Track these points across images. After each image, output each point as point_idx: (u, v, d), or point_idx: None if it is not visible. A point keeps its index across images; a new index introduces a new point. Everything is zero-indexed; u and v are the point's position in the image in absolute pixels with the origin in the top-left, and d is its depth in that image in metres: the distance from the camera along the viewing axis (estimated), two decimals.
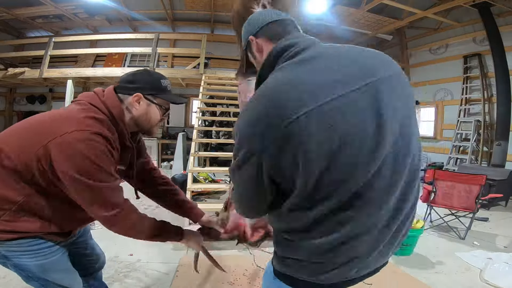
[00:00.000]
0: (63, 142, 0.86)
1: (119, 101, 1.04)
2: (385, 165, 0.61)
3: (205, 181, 4.41)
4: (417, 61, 7.54)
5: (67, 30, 7.84)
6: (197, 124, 4.62)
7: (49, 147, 0.86)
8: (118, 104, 1.02)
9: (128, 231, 1.02)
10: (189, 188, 3.27)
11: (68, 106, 1.03)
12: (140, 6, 6.97)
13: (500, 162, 5.23)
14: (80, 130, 0.88)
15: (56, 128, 0.89)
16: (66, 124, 0.89)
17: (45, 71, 6.04)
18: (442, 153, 6.63)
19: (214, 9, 7.06)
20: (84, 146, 0.87)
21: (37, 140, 0.88)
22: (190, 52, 6.68)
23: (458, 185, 3.28)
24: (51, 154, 0.86)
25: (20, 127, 0.98)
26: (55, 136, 0.87)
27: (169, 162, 7.24)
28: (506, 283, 2.19)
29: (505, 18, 5.45)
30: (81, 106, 0.97)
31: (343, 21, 6.71)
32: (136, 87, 1.05)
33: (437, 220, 3.47)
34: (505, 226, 3.69)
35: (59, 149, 0.86)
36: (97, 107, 0.98)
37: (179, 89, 7.92)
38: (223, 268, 1.47)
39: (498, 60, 5.32)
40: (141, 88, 1.06)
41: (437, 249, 2.90)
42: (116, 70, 6.43)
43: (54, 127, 0.89)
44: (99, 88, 1.07)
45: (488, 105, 5.83)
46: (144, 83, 1.07)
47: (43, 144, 0.87)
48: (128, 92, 1.05)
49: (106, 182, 0.92)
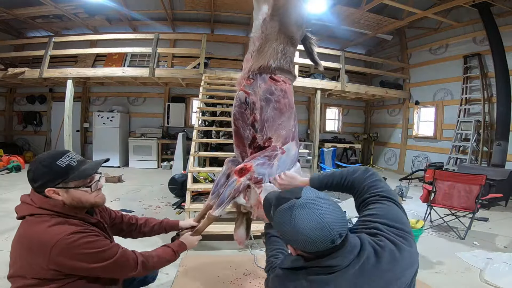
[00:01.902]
0: (60, 253, 0.93)
1: (47, 199, 1.02)
2: None
3: (205, 181, 4.41)
4: (417, 61, 7.53)
5: (67, 30, 7.83)
6: (197, 124, 4.61)
7: (55, 260, 0.93)
8: (49, 201, 1.01)
9: (157, 267, 1.22)
10: (189, 188, 3.26)
11: (26, 222, 1.01)
12: (140, 6, 6.96)
13: (500, 162, 5.23)
14: (59, 240, 0.93)
15: (46, 243, 0.93)
16: (47, 240, 0.94)
17: (45, 71, 6.04)
18: (442, 153, 6.63)
19: (214, 9, 7.05)
20: (76, 247, 0.94)
21: (41, 259, 0.93)
22: (190, 52, 6.68)
23: (458, 185, 3.28)
24: (62, 264, 0.94)
25: (20, 251, 0.99)
26: (50, 251, 0.92)
27: (169, 162, 7.24)
28: (506, 283, 2.19)
29: (505, 18, 5.45)
30: (38, 218, 0.99)
31: (343, 21, 6.72)
32: (41, 184, 1.01)
33: (437, 220, 3.47)
34: (505, 226, 3.69)
35: (64, 257, 0.93)
36: (44, 213, 1.00)
37: (179, 89, 7.95)
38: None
39: (498, 60, 5.32)
40: (45, 183, 1.01)
41: (437, 249, 2.90)
42: (116, 70, 6.43)
43: (43, 243, 0.94)
44: (24, 196, 1.06)
45: (488, 105, 5.82)
46: (44, 178, 1.01)
47: (47, 257, 0.92)
48: (41, 190, 1.02)
49: (114, 252, 1.03)
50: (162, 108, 7.97)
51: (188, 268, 2.27)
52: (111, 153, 7.22)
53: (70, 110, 6.04)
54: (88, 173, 1.06)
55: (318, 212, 0.72)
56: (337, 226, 0.72)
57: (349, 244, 0.76)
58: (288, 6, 1.57)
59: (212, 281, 2.13)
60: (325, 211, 0.72)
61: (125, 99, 8.07)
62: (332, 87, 6.93)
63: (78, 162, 1.06)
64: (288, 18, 1.57)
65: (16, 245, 0.99)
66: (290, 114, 1.59)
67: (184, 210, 3.37)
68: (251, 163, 1.45)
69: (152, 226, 1.51)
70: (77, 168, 1.04)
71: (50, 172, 1.00)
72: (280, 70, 1.57)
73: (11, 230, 2.85)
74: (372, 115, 9.34)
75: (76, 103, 7.40)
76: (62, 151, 1.06)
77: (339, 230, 0.72)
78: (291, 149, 1.56)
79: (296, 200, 0.75)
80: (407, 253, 0.81)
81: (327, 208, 0.74)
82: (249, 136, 1.60)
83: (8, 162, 6.02)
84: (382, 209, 0.88)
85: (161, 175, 6.17)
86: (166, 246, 1.32)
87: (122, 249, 1.08)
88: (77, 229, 0.98)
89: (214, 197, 1.61)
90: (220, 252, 2.68)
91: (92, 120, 7.49)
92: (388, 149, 8.48)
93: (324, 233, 0.70)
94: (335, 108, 9.29)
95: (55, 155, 1.03)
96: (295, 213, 0.73)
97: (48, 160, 1.02)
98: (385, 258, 0.77)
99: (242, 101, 1.60)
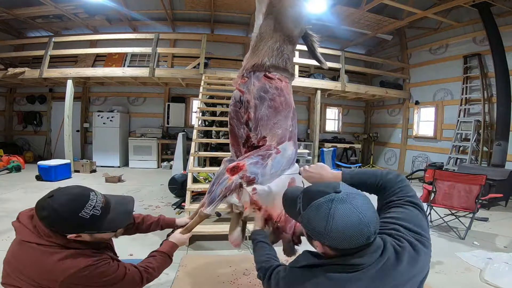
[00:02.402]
0: (70, 285, 0.91)
1: (63, 237, 0.94)
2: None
3: (205, 181, 4.41)
4: (417, 61, 7.53)
5: (67, 30, 7.83)
6: (197, 124, 4.62)
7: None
8: (64, 238, 0.95)
9: (158, 274, 1.24)
10: (189, 188, 3.27)
11: (30, 248, 0.93)
12: (140, 6, 6.96)
13: (500, 162, 5.23)
14: (71, 274, 0.91)
15: (56, 277, 0.90)
16: (58, 274, 0.90)
17: (45, 71, 6.04)
18: (442, 153, 6.63)
19: (214, 9, 7.05)
20: (88, 279, 0.94)
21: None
22: (190, 52, 6.69)
23: (458, 185, 3.28)
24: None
25: (20, 276, 0.94)
26: (60, 283, 0.90)
27: (169, 162, 7.24)
28: (506, 283, 2.19)
29: (505, 18, 5.45)
30: (46, 249, 0.93)
31: (343, 21, 6.72)
32: (60, 230, 0.93)
33: (437, 220, 3.47)
34: (505, 226, 3.69)
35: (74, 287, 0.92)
36: (54, 245, 0.94)
37: (179, 89, 7.95)
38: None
39: (498, 60, 5.33)
40: (66, 231, 0.93)
41: (437, 249, 2.89)
42: (116, 70, 6.44)
43: (52, 277, 0.91)
44: (25, 216, 1.00)
45: (488, 105, 5.82)
46: (64, 228, 0.93)
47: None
48: (62, 234, 0.94)
49: (122, 274, 1.03)
50: (162, 108, 7.97)
51: (188, 268, 2.27)
52: (111, 153, 7.23)
53: (70, 110, 6.04)
54: (118, 226, 1.03)
55: (359, 208, 0.71)
56: (373, 223, 0.72)
57: (375, 244, 0.77)
58: (284, 3, 1.55)
59: (212, 281, 2.13)
60: (365, 208, 0.73)
61: (125, 99, 8.06)
62: (332, 87, 6.93)
63: (102, 210, 0.97)
64: (283, 16, 1.55)
65: (15, 266, 0.93)
66: (287, 113, 1.54)
67: (184, 210, 3.38)
68: (244, 161, 1.42)
69: (149, 224, 1.51)
70: (103, 217, 0.97)
71: (73, 224, 0.93)
72: (275, 68, 1.54)
73: (11, 230, 2.84)
74: (372, 115, 9.34)
75: (76, 103, 7.40)
76: (81, 198, 0.94)
77: (375, 227, 0.73)
78: (287, 149, 1.51)
79: (336, 194, 0.74)
80: (424, 256, 0.82)
81: (366, 205, 0.74)
82: (243, 135, 1.58)
83: (8, 162, 6.03)
84: (404, 213, 0.90)
85: (161, 175, 6.17)
86: (161, 253, 1.30)
87: (129, 270, 1.07)
88: (90, 262, 0.95)
89: (209, 196, 1.60)
90: (220, 252, 2.68)
91: (92, 120, 7.49)
92: (388, 149, 8.48)
93: (362, 230, 0.70)
94: (335, 108, 9.29)
95: (75, 206, 0.92)
96: (335, 208, 0.72)
97: (68, 212, 0.92)
98: (404, 259, 0.78)
99: (237, 99, 1.58)
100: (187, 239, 1.46)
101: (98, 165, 6.78)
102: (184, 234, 1.45)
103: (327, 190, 0.77)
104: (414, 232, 0.84)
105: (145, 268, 1.16)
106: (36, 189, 4.65)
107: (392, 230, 0.84)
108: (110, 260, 1.03)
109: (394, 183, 0.99)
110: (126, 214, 1.06)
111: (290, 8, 1.57)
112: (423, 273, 0.84)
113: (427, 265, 0.85)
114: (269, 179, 1.44)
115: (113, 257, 1.10)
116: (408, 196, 0.95)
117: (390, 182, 1.00)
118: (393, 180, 1.00)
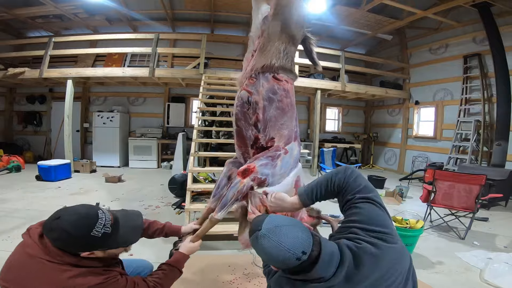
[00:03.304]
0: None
1: (75, 256, 0.95)
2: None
3: (205, 181, 4.41)
4: (417, 61, 7.54)
5: (67, 30, 7.83)
6: (197, 124, 4.61)
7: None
8: (75, 257, 0.96)
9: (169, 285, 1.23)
10: (189, 188, 3.26)
11: (39, 262, 0.93)
12: (140, 6, 6.96)
13: (500, 162, 5.23)
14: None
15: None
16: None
17: (45, 71, 6.05)
18: (442, 153, 6.63)
19: (214, 9, 7.06)
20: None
21: None
22: (190, 52, 6.68)
23: (458, 185, 3.28)
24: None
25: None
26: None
27: (169, 162, 7.24)
28: (506, 283, 2.19)
29: (505, 18, 5.45)
30: (56, 265, 0.93)
31: (343, 21, 6.72)
32: (72, 250, 0.95)
33: (437, 220, 3.47)
34: (505, 226, 3.69)
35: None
36: (65, 263, 0.94)
37: (179, 89, 7.95)
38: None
39: (498, 60, 5.33)
40: (78, 250, 0.95)
41: (437, 249, 2.90)
42: (116, 70, 6.44)
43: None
44: (34, 232, 0.98)
45: (488, 105, 5.82)
46: (76, 247, 0.94)
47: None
48: (74, 253, 0.95)
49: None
50: (162, 108, 7.97)
51: (188, 268, 2.27)
52: (111, 153, 7.23)
53: (70, 110, 6.05)
54: (131, 242, 1.04)
55: (277, 240, 0.81)
56: (298, 246, 0.80)
57: (325, 254, 0.81)
58: (291, 5, 1.56)
59: (212, 281, 2.13)
60: (284, 238, 0.81)
61: (125, 99, 8.07)
62: (332, 87, 6.93)
63: (113, 227, 0.98)
64: (290, 18, 1.57)
65: (17, 275, 0.92)
66: (292, 113, 1.58)
67: (184, 210, 3.37)
68: (254, 163, 1.43)
69: (154, 231, 1.49)
70: (115, 234, 0.99)
71: (86, 244, 0.94)
72: (283, 69, 1.57)
73: (11, 230, 2.85)
74: (372, 115, 9.34)
75: (76, 103, 7.40)
76: (91, 217, 0.95)
77: (301, 249, 0.80)
78: (294, 149, 1.55)
79: (258, 232, 0.84)
80: (390, 249, 0.86)
81: (286, 234, 0.82)
82: (251, 136, 1.58)
83: (8, 162, 6.03)
84: (360, 213, 0.93)
85: (161, 175, 6.17)
86: (172, 266, 1.28)
87: (137, 285, 1.08)
88: (100, 280, 0.95)
89: (215, 200, 1.58)
90: (219, 252, 2.68)
91: (92, 120, 7.48)
92: (388, 149, 8.48)
93: (287, 255, 0.80)
94: (335, 108, 9.29)
95: (86, 226, 0.93)
96: (260, 243, 0.83)
97: (80, 232, 0.92)
98: (365, 260, 0.82)
99: (245, 100, 1.57)
100: (198, 246, 1.44)
101: (98, 165, 6.78)
102: (195, 242, 1.43)
103: (254, 228, 0.87)
104: (372, 231, 0.88)
105: (154, 284, 1.15)
106: (36, 189, 4.65)
107: (350, 234, 0.90)
108: (119, 277, 1.03)
109: (343, 181, 1.01)
110: (136, 229, 1.09)
111: (297, 10, 1.59)
112: (404, 264, 0.87)
113: (403, 255, 0.88)
114: (279, 179, 1.47)
115: (122, 272, 1.09)
116: (358, 191, 0.97)
117: (340, 181, 1.02)
118: (342, 179, 1.02)
